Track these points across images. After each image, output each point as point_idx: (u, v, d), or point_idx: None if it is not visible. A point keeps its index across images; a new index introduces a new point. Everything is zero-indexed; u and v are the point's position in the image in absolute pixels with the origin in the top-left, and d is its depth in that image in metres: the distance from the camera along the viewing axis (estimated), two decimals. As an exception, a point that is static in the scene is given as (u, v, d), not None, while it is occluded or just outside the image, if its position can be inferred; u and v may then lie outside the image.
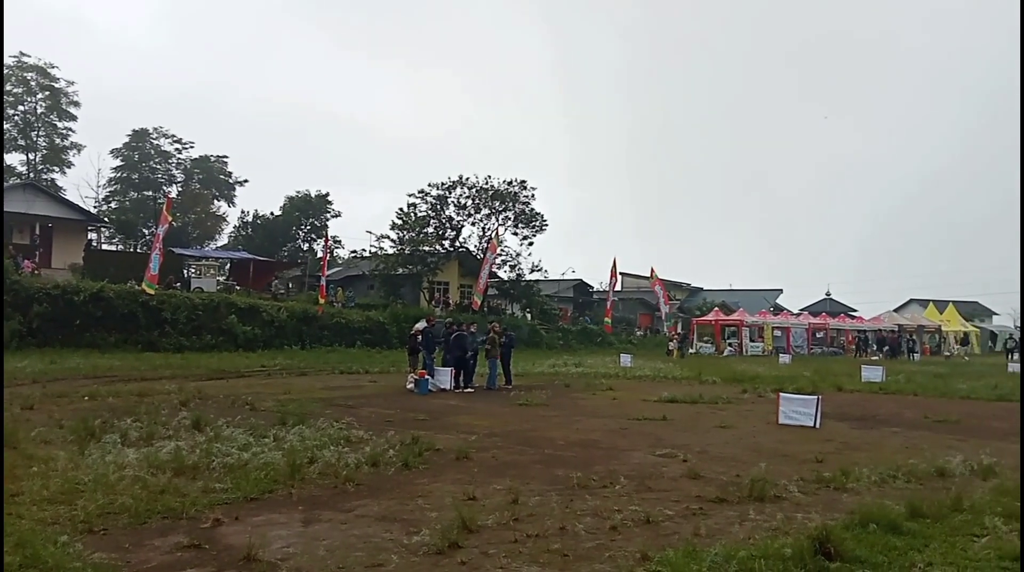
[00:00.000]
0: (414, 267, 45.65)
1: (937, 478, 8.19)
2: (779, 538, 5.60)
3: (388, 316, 37.53)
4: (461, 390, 18.57)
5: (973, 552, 5.33)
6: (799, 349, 47.30)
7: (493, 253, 41.75)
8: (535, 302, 49.86)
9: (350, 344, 33.79)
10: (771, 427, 12.52)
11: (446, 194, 46.74)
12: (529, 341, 40.74)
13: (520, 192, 47.32)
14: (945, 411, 14.99)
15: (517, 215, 47.64)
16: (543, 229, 48.32)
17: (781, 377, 23.09)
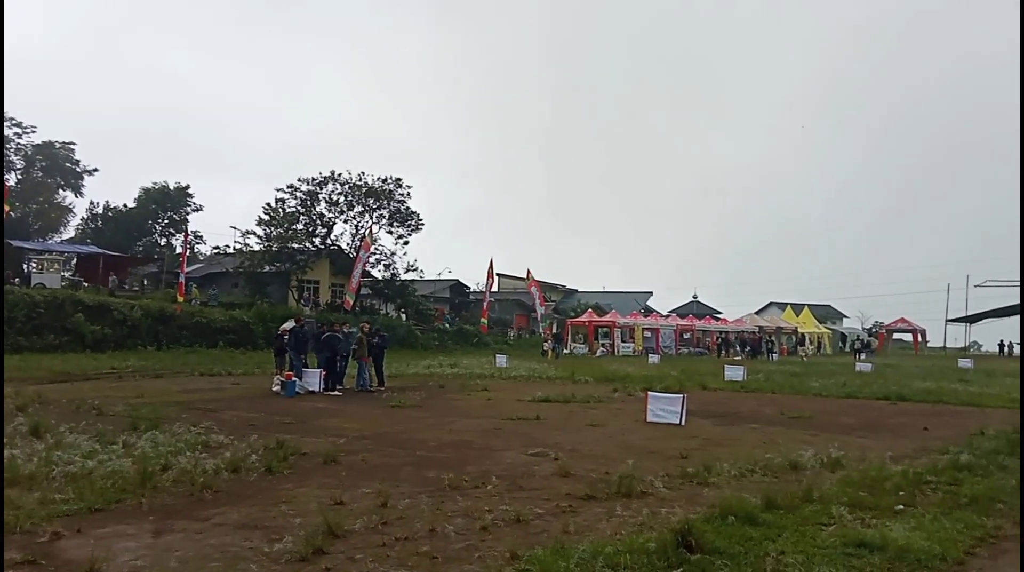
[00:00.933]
0: (282, 265, 44.27)
1: (791, 471, 8.73)
2: (644, 533, 5.80)
3: (253, 315, 36.20)
4: (331, 392, 18.16)
5: (821, 540, 5.70)
6: (667, 349, 49.34)
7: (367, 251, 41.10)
8: (410, 302, 49.48)
9: (212, 345, 32.35)
10: (640, 425, 12.98)
11: (317, 190, 45.59)
12: (404, 342, 40.39)
13: (395, 190, 46.84)
14: (799, 408, 16.03)
15: (392, 213, 47.12)
16: (419, 228, 48.07)
17: (650, 376, 24.01)
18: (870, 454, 9.85)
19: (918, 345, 71.12)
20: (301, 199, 45.33)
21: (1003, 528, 6.30)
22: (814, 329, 62.39)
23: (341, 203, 46.11)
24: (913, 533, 5.81)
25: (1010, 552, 5.67)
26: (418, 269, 48.30)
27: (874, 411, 16.16)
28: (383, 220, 47.13)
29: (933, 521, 6.29)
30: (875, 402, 18.11)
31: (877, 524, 6.12)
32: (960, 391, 20.48)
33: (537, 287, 50.00)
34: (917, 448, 10.68)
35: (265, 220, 44.44)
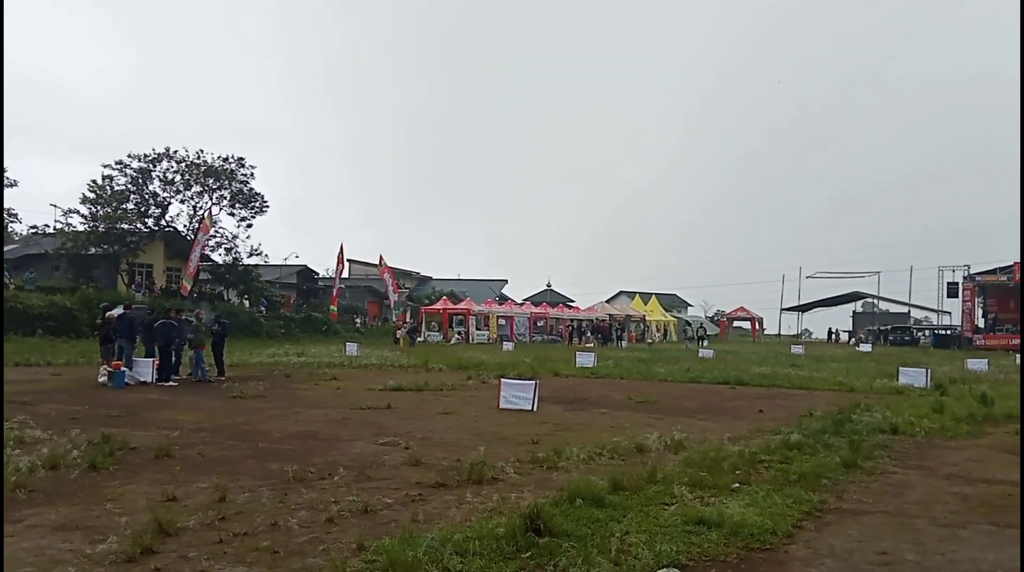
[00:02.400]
0: (110, 247, 41.22)
1: (637, 454, 9.10)
2: (494, 518, 5.86)
3: (77, 301, 33.51)
4: (165, 383, 17.17)
5: (664, 519, 5.97)
6: (522, 337, 50.30)
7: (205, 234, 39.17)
8: (254, 288, 47.55)
9: (28, 332, 29.68)
10: (492, 412, 13.13)
11: (150, 167, 42.74)
12: (247, 329, 38.80)
13: (237, 170, 44.70)
14: (646, 392, 16.78)
15: (234, 194, 44.98)
16: (264, 210, 46.17)
17: (504, 364, 24.37)
18: (710, 436, 10.45)
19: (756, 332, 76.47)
20: (132, 177, 42.35)
21: (827, 502, 6.84)
22: (661, 317, 65.52)
23: (177, 182, 43.53)
24: (747, 509, 6.19)
25: (833, 524, 6.16)
26: (263, 253, 46.45)
27: (715, 395, 17.17)
28: (224, 201, 44.95)
29: (766, 497, 6.73)
30: (716, 386, 19.25)
31: (715, 502, 6.48)
32: (792, 375, 22.05)
33: (390, 273, 49.50)
34: (753, 429, 11.42)
35: (90, 198, 41.18)
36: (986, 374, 24.05)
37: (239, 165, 44.78)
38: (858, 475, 8.13)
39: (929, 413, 12.86)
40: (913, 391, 17.53)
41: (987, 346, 50.88)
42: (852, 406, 13.78)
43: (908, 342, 61.88)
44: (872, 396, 16.49)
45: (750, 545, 5.44)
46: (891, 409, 13.33)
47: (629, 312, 61.80)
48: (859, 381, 20.09)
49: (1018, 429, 11.92)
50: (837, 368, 25.94)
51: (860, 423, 11.55)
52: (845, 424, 11.34)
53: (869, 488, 7.57)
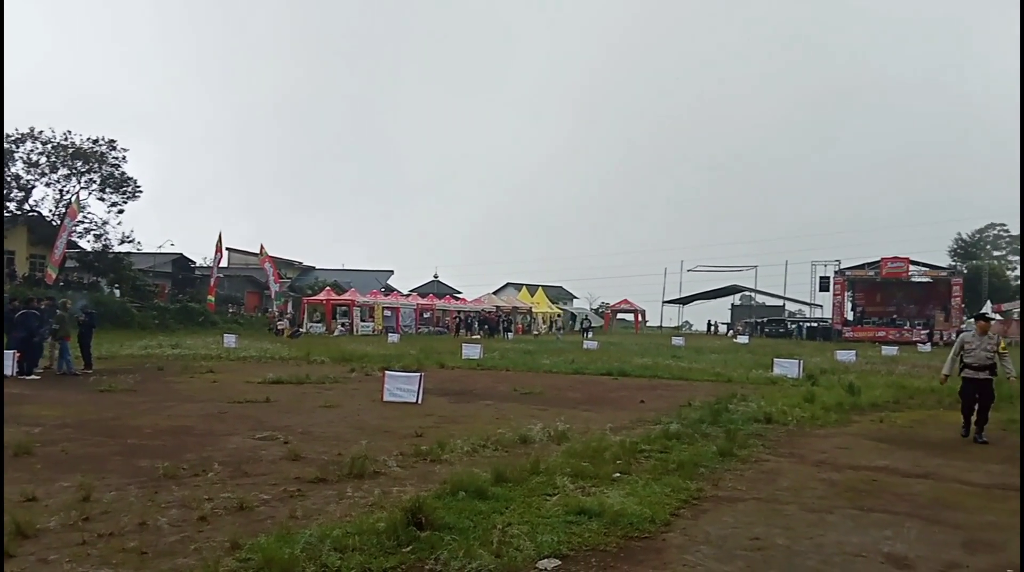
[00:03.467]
0: (-36, 232, 38.22)
1: (521, 445, 9.20)
2: (375, 513, 5.78)
3: (-80, 288, 30.84)
4: (26, 376, 16.13)
5: (546, 509, 6.05)
6: (408, 329, 49.90)
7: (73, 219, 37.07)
8: (126, 277, 45.16)
9: None
10: (376, 405, 12.96)
11: (13, 148, 39.93)
12: (118, 320, 36.82)
13: (108, 152, 42.30)
14: (532, 384, 16.99)
15: (105, 178, 42.55)
16: (136, 196, 43.87)
17: (389, 356, 24.12)
18: (593, 426, 10.68)
19: (639, 324, 78.76)
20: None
21: (704, 490, 7.11)
22: (547, 309, 66.51)
23: (43, 164, 40.83)
24: (627, 499, 6.36)
25: (709, 512, 6.41)
26: (135, 241, 44.14)
27: (598, 386, 17.57)
28: (93, 185, 42.44)
29: (645, 486, 6.93)
30: (600, 378, 19.70)
31: (597, 492, 6.61)
32: (673, 366, 22.83)
33: (271, 263, 48.13)
34: (634, 419, 11.74)
35: (-59, 179, 38.03)
36: (853, 365, 25.60)
37: (110, 147, 42.42)
38: (734, 463, 8.48)
39: (801, 402, 13.56)
40: (786, 381, 18.46)
41: (855, 338, 54.16)
42: (729, 396, 14.39)
43: (783, 334, 65.24)
44: (748, 386, 17.26)
45: (629, 534, 5.59)
46: (766, 399, 13.98)
47: (516, 304, 62.38)
48: (736, 372, 20.98)
49: (882, 417, 12.80)
50: (715, 359, 27.00)
51: (736, 413, 12.08)
52: (722, 414, 11.82)
53: (744, 476, 7.92)
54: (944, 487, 7.66)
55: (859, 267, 62.11)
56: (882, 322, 60.58)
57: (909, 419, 12.69)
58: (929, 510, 6.66)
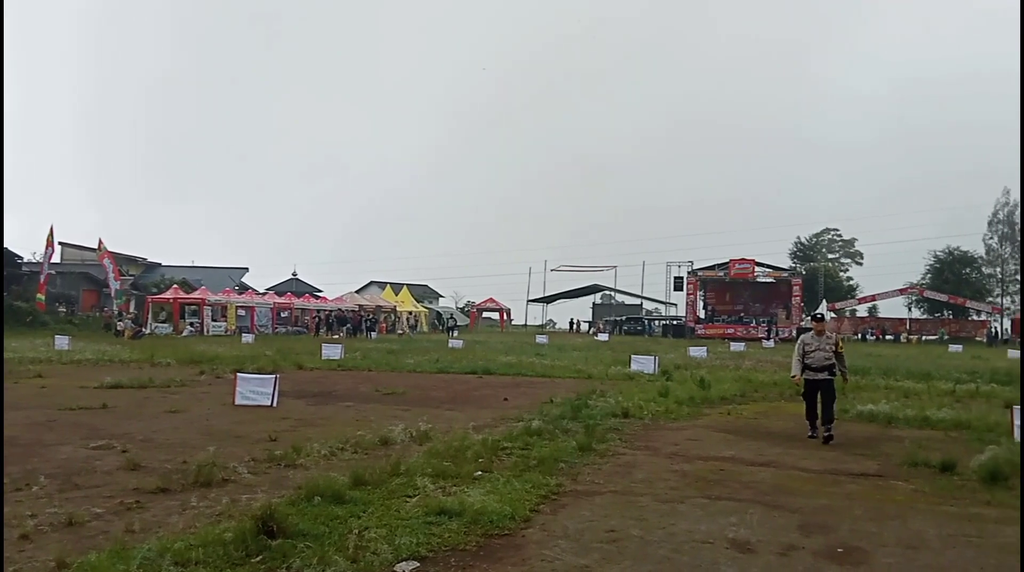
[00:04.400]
0: None
1: (381, 447, 9.09)
2: (222, 523, 5.54)
3: None
4: None
5: (405, 511, 6.01)
6: (264, 328, 48.23)
7: None
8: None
9: None
10: (227, 408, 12.43)
11: None
12: (-75, 320, 33.44)
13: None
14: (395, 384, 16.82)
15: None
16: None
17: (242, 357, 23.22)
18: (456, 425, 10.70)
19: (504, 323, 79.62)
20: None
21: (564, 485, 7.28)
22: (412, 308, 66.12)
23: None
24: (488, 497, 6.41)
25: (568, 506, 6.56)
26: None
27: (462, 385, 17.63)
28: None
29: (506, 484, 7.02)
30: (464, 376, 19.77)
31: (457, 491, 6.63)
32: (536, 364, 23.20)
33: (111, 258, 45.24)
34: (497, 417, 11.86)
35: None
36: (705, 360, 26.95)
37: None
38: (592, 457, 8.73)
39: (656, 397, 14.15)
40: (643, 377, 19.21)
41: (707, 335, 57.19)
42: (589, 392, 14.81)
43: (640, 332, 67.92)
44: (607, 382, 17.82)
45: (489, 532, 5.63)
46: (623, 394, 14.48)
47: (380, 303, 61.63)
48: (596, 369, 21.61)
49: (730, 409, 13.54)
50: (577, 356, 27.70)
51: (595, 408, 12.44)
52: (582, 410, 12.15)
53: (601, 469, 8.16)
54: (784, 474, 8.19)
55: (710, 268, 65.60)
56: (731, 320, 64.24)
57: (754, 411, 13.49)
58: (770, 496, 7.11)
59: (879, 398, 14.40)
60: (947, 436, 10.80)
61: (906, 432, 11.18)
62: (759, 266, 64.23)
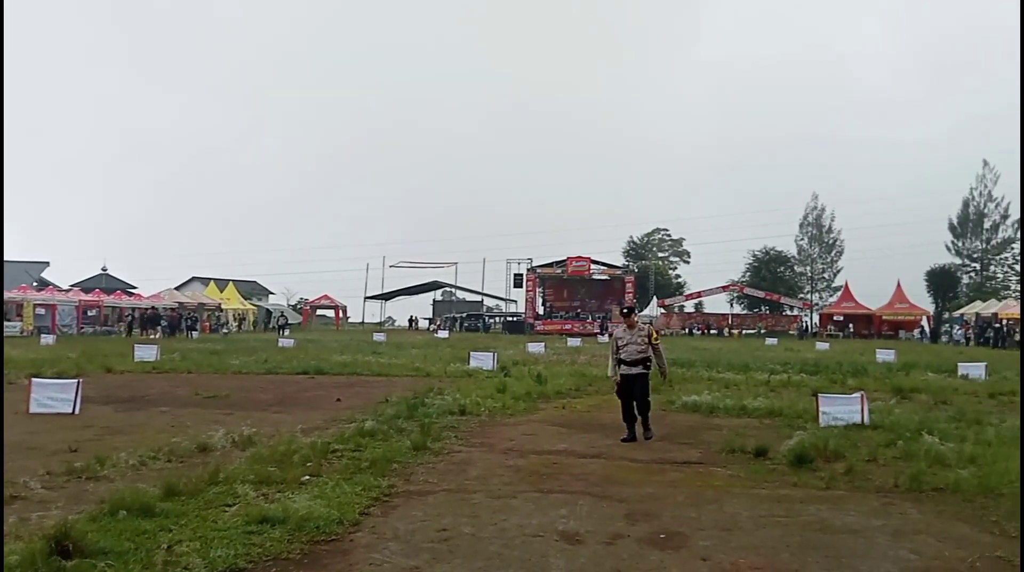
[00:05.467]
0: None
1: (199, 454, 8.61)
2: (9, 544, 5.05)
3: None
4: None
5: (223, 522, 5.73)
6: (67, 328, 44.73)
7: None
8: None
9: None
10: (20, 418, 11.36)
11: None
12: None
13: None
14: (217, 386, 16.03)
15: None
16: None
17: (40, 360, 21.34)
18: (283, 428, 10.34)
19: (340, 320, 78.07)
20: None
21: (396, 486, 7.20)
22: (239, 305, 63.48)
23: None
24: (315, 502, 6.24)
25: (400, 507, 6.49)
26: None
27: (292, 385, 17.08)
28: None
29: (335, 487, 6.86)
30: (294, 377, 19.16)
31: (281, 498, 6.41)
32: (373, 363, 22.90)
33: None
34: (328, 419, 11.58)
35: None
36: (542, 356, 27.64)
37: None
38: (427, 456, 8.71)
39: (494, 393, 14.34)
40: (482, 373, 19.42)
41: (545, 331, 58.76)
42: (426, 390, 14.77)
43: (481, 328, 68.63)
44: (446, 380, 17.87)
45: (315, 538, 5.48)
46: (461, 391, 14.55)
47: (203, 300, 58.67)
48: (435, 366, 21.62)
49: (565, 404, 13.94)
50: (416, 354, 27.60)
51: (432, 406, 12.43)
52: (418, 408, 12.10)
53: (436, 468, 8.16)
54: (613, 465, 8.52)
55: (549, 265, 67.48)
56: (568, 316, 66.36)
57: (587, 404, 13.96)
58: (600, 487, 7.37)
59: (702, 389, 15.31)
60: (761, 424, 11.62)
61: (726, 421, 11.94)
62: (595, 264, 66.75)
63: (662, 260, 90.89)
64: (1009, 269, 72.79)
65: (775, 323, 68.95)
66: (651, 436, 10.09)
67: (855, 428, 10.62)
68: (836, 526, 6.08)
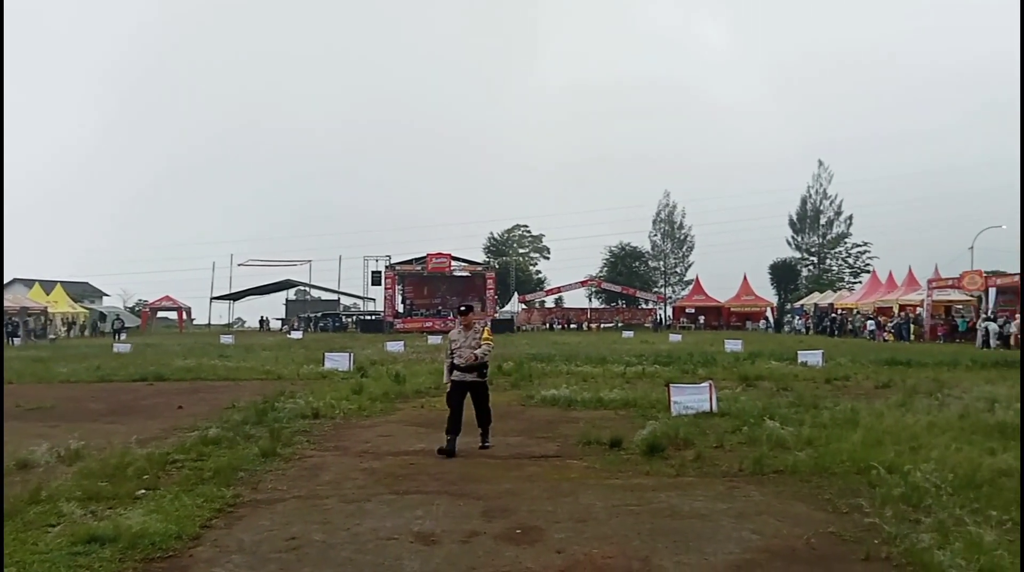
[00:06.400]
0: None
1: (18, 471, 7.97)
2: None
3: None
4: None
5: (45, 544, 5.34)
6: None
7: None
8: None
9: None
10: None
11: None
12: None
13: None
14: (41, 397, 14.91)
15: None
16: None
17: None
18: (116, 440, 9.71)
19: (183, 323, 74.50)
20: None
21: (242, 495, 6.95)
22: (68, 309, 59.43)
23: None
24: (150, 517, 5.92)
25: (245, 518, 6.26)
26: None
27: (128, 394, 16.12)
28: None
29: (174, 500, 6.54)
30: (131, 385, 18.10)
31: (112, 514, 6.04)
32: (219, 366, 21.99)
33: None
34: (168, 428, 11.01)
35: None
36: (402, 355, 27.42)
37: None
38: (277, 463, 8.45)
39: (349, 395, 14.10)
40: (337, 375, 19.03)
41: (406, 329, 58.23)
42: (277, 394, 14.34)
43: (338, 328, 67.25)
44: (298, 382, 17.40)
45: (150, 556, 5.21)
46: (315, 394, 14.22)
47: (26, 303, 54.48)
48: (287, 368, 21.03)
49: (424, 403, 13.86)
50: (267, 356, 26.74)
51: (283, 410, 12.08)
52: (268, 413, 11.74)
53: (286, 475, 7.92)
54: (471, 462, 8.57)
55: (408, 262, 66.92)
56: (429, 313, 66.07)
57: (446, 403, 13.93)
58: (456, 486, 7.38)
59: (561, 383, 15.62)
60: (617, 415, 11.99)
61: (583, 413, 12.24)
62: (455, 260, 66.74)
63: (523, 256, 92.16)
64: (843, 262, 78.77)
65: (631, 316, 71.41)
66: (489, 446, 9.39)
67: (704, 416, 11.16)
68: (685, 511, 6.36)
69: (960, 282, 39.76)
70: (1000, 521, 5.69)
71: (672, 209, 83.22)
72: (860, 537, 5.60)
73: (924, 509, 6.15)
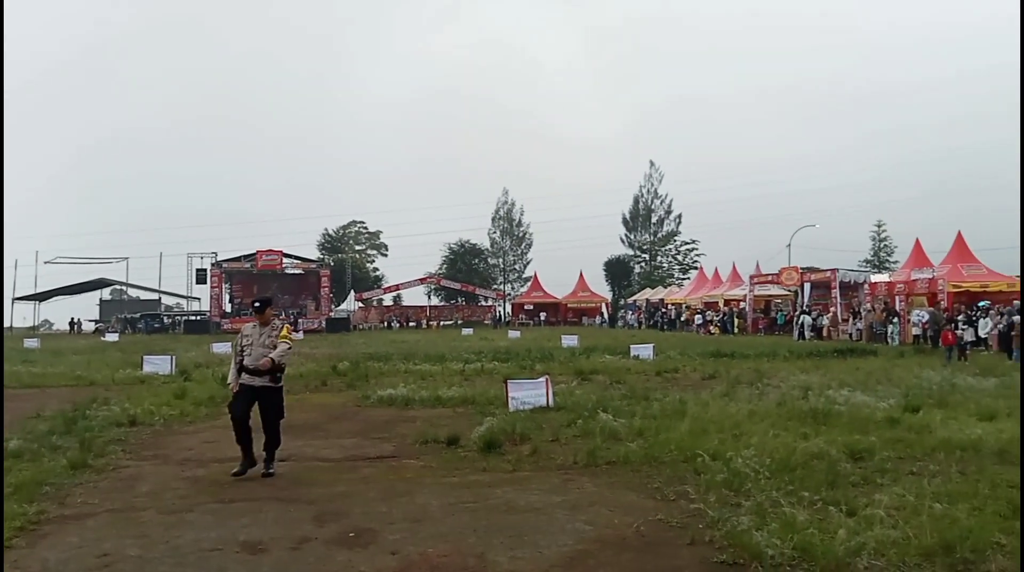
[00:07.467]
0: None
1: None
2: None
3: None
4: None
5: None
6: None
7: None
8: None
9: None
10: None
11: None
12: None
13: None
14: None
15: None
16: None
17: None
18: None
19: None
20: None
21: (47, 512, 6.46)
22: None
23: None
24: (-66, 541, 5.38)
25: (50, 535, 5.82)
26: None
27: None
28: None
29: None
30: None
31: None
32: (22, 373, 20.35)
33: None
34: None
35: None
36: (229, 356, 26.27)
37: None
38: (88, 475, 7.93)
39: (171, 400, 13.43)
40: (158, 379, 18.05)
41: (234, 329, 55.85)
42: (89, 401, 13.41)
43: (159, 329, 63.72)
44: (114, 388, 16.38)
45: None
46: (132, 400, 13.42)
47: None
48: (101, 373, 19.78)
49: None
50: (78, 361, 25.01)
51: (95, 418, 11.38)
52: (78, 421, 11.01)
53: (98, 487, 7.44)
54: (303, 466, 8.37)
55: (236, 259, 64.32)
56: (257, 313, 63.81)
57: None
58: (287, 491, 7.19)
59: (398, 382, 15.54)
60: (455, 412, 12.08)
61: (421, 412, 12.25)
62: (287, 257, 64.81)
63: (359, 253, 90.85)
64: (673, 259, 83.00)
65: (471, 313, 72.12)
66: (272, 473, 7.90)
67: (541, 411, 11.44)
68: (520, 506, 6.49)
69: (779, 278, 42.87)
70: (812, 501, 6.18)
71: (511, 207, 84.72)
72: (686, 523, 5.92)
73: (744, 493, 6.58)
